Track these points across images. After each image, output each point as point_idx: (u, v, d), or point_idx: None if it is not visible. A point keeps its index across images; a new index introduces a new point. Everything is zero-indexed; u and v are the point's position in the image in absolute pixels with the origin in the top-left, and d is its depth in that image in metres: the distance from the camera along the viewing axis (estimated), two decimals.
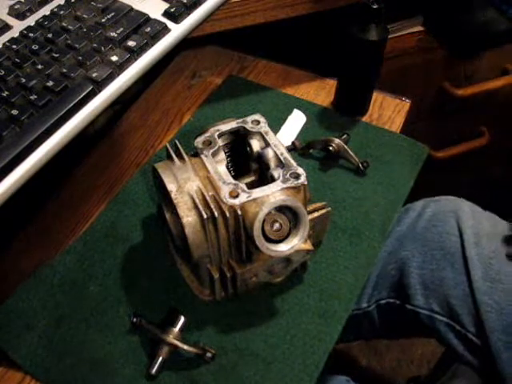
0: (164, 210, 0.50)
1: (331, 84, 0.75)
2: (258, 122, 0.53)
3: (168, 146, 0.52)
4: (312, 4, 0.75)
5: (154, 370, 0.49)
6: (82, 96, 0.46)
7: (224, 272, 0.51)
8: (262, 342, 0.52)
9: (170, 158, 0.51)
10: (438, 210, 0.68)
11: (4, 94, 0.45)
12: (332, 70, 0.74)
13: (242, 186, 0.47)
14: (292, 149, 0.67)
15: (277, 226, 0.45)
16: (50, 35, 0.50)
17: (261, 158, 0.51)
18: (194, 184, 0.48)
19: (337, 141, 0.65)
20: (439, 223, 0.66)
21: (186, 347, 0.50)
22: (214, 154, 0.50)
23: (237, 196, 0.46)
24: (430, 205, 0.69)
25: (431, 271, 0.64)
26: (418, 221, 0.68)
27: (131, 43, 0.49)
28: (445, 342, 0.66)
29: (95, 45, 0.49)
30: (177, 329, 0.51)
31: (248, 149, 0.53)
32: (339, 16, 0.67)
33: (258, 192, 0.46)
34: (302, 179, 0.47)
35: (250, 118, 0.53)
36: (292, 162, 0.49)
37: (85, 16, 0.52)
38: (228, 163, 0.53)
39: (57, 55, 0.48)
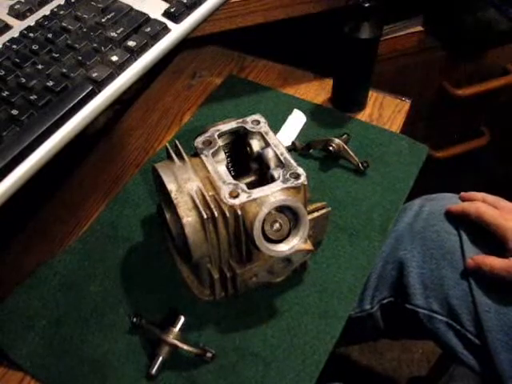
0: (164, 210, 0.50)
1: (331, 84, 0.75)
2: (258, 122, 0.53)
3: (168, 146, 0.52)
4: (312, 4, 0.75)
5: (153, 370, 0.49)
6: (82, 96, 0.46)
7: (224, 272, 0.51)
8: (262, 342, 0.52)
9: (170, 157, 0.51)
10: (435, 208, 0.68)
11: (4, 94, 0.45)
12: (331, 70, 0.74)
13: (242, 186, 0.47)
14: (292, 149, 0.67)
15: (277, 226, 0.45)
16: (50, 35, 0.50)
17: (261, 158, 0.51)
18: (193, 184, 0.48)
19: (337, 141, 0.65)
20: (437, 222, 0.66)
21: (185, 347, 0.50)
22: (214, 154, 0.50)
23: (237, 196, 0.46)
24: (427, 203, 0.69)
25: (431, 270, 0.64)
26: (415, 220, 0.68)
27: (131, 43, 0.49)
28: (444, 342, 0.66)
29: (95, 45, 0.49)
30: (177, 329, 0.51)
31: (248, 149, 0.53)
32: (340, 16, 0.67)
33: (257, 192, 0.46)
34: (302, 179, 0.47)
35: (249, 118, 0.53)
36: (292, 162, 0.49)
37: (85, 16, 0.52)
38: (228, 163, 0.53)
39: (57, 55, 0.48)
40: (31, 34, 0.50)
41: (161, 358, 0.50)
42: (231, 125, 0.53)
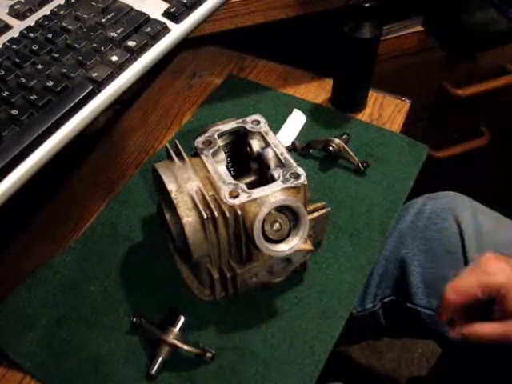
0: (164, 210, 0.50)
1: (331, 84, 0.75)
2: (258, 122, 0.53)
3: (168, 146, 0.52)
4: (312, 4, 0.75)
5: (153, 370, 0.49)
6: (82, 96, 0.46)
7: (224, 272, 0.51)
8: (262, 342, 0.52)
9: (170, 157, 0.51)
10: (437, 206, 0.68)
11: (4, 94, 0.45)
12: (331, 70, 0.74)
13: (242, 186, 0.47)
14: (292, 149, 0.67)
15: (277, 226, 0.45)
16: (50, 35, 0.50)
17: (261, 158, 0.51)
18: (193, 184, 0.48)
19: (337, 141, 0.65)
20: (439, 220, 0.66)
21: (185, 347, 0.50)
22: (214, 154, 0.50)
23: (237, 196, 0.46)
24: (429, 202, 0.69)
25: (432, 269, 0.64)
26: (418, 218, 0.68)
27: (131, 43, 0.49)
28: (444, 341, 0.66)
29: (95, 45, 0.49)
30: (177, 329, 0.51)
31: (248, 149, 0.53)
32: (340, 16, 0.67)
33: (258, 192, 0.46)
34: (302, 179, 0.47)
35: (249, 118, 0.53)
36: (292, 162, 0.49)
37: (85, 16, 0.52)
38: (228, 163, 0.53)
39: (57, 55, 0.48)
40: (31, 34, 0.50)
41: (161, 358, 0.50)
42: (231, 125, 0.53)
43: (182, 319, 0.52)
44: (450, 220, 0.66)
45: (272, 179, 0.48)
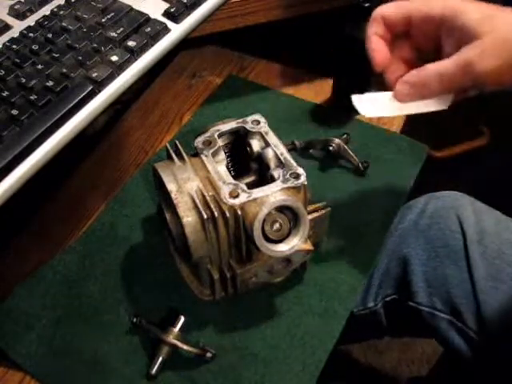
0: (164, 210, 0.50)
1: (331, 84, 0.75)
2: (258, 122, 0.53)
3: (168, 146, 0.52)
4: (312, 4, 0.75)
5: (154, 370, 0.49)
6: (82, 96, 0.46)
7: (224, 272, 0.51)
8: (262, 342, 0.52)
9: (170, 157, 0.51)
10: (440, 206, 0.68)
11: (4, 94, 0.45)
12: (331, 70, 0.74)
13: (242, 186, 0.47)
14: (292, 149, 0.67)
15: (277, 226, 0.45)
16: (50, 35, 0.50)
17: (261, 158, 0.51)
18: (194, 184, 0.48)
19: (337, 141, 0.65)
20: (441, 220, 0.66)
21: (185, 347, 0.50)
22: (214, 154, 0.50)
23: (237, 196, 0.46)
24: (432, 201, 0.69)
25: (434, 269, 0.64)
26: (420, 218, 0.68)
27: (131, 43, 0.49)
28: (445, 340, 0.66)
29: (95, 45, 0.49)
30: (177, 329, 0.51)
31: (248, 149, 0.53)
32: (339, 16, 0.67)
33: (257, 192, 0.46)
34: (302, 179, 0.47)
35: (249, 118, 0.53)
36: (292, 162, 0.49)
37: (85, 16, 0.52)
38: (228, 163, 0.53)
39: (57, 55, 0.49)
40: (31, 34, 0.50)
41: (161, 358, 0.50)
42: (231, 125, 0.53)
43: (182, 319, 0.52)
44: (452, 219, 0.66)
45: (272, 179, 0.48)
